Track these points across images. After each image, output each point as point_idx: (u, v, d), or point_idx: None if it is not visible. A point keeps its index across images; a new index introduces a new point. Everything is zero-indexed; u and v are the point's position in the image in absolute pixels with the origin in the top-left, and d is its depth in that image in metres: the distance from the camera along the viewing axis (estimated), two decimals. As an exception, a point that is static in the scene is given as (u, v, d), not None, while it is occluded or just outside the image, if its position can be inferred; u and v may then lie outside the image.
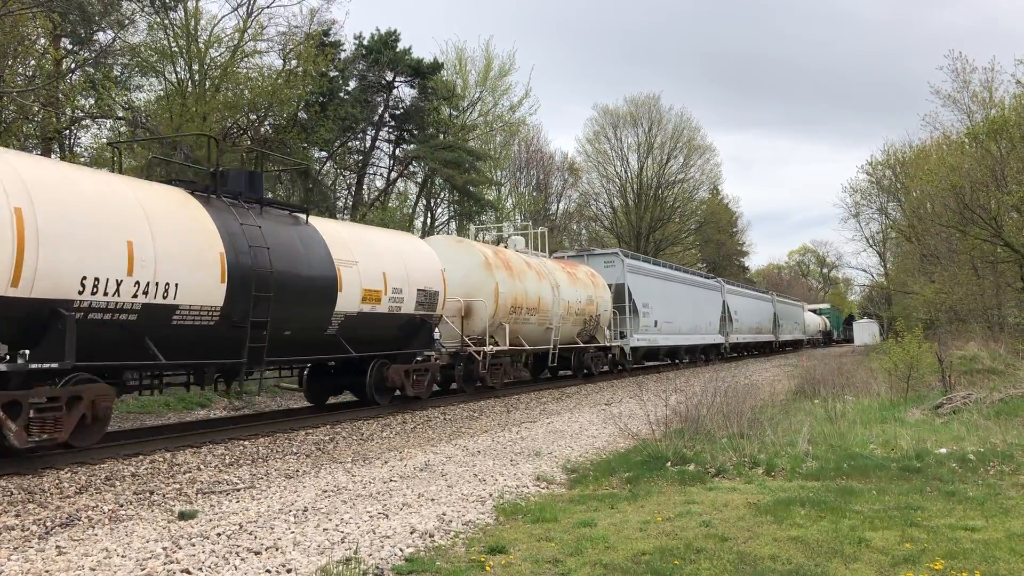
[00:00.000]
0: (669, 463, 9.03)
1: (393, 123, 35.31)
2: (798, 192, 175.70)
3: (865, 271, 66.98)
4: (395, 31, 33.30)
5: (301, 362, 15.08)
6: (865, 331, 71.81)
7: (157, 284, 10.34)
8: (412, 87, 34.74)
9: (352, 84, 33.18)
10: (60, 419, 9.25)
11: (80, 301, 9.42)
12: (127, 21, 24.97)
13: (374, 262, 14.93)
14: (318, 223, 14.51)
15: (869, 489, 7.62)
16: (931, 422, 11.51)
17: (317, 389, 16.28)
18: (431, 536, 6.24)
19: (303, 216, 14.20)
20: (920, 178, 32.47)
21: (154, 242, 10.40)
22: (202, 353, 11.58)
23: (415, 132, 35.01)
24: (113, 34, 24.72)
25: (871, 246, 59.14)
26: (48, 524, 6.69)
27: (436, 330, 17.18)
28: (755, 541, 5.91)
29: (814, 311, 77.58)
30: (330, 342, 14.13)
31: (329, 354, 14.68)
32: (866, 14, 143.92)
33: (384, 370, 15.40)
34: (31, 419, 8.91)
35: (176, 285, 10.61)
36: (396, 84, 34.32)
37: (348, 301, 14.03)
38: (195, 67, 25.66)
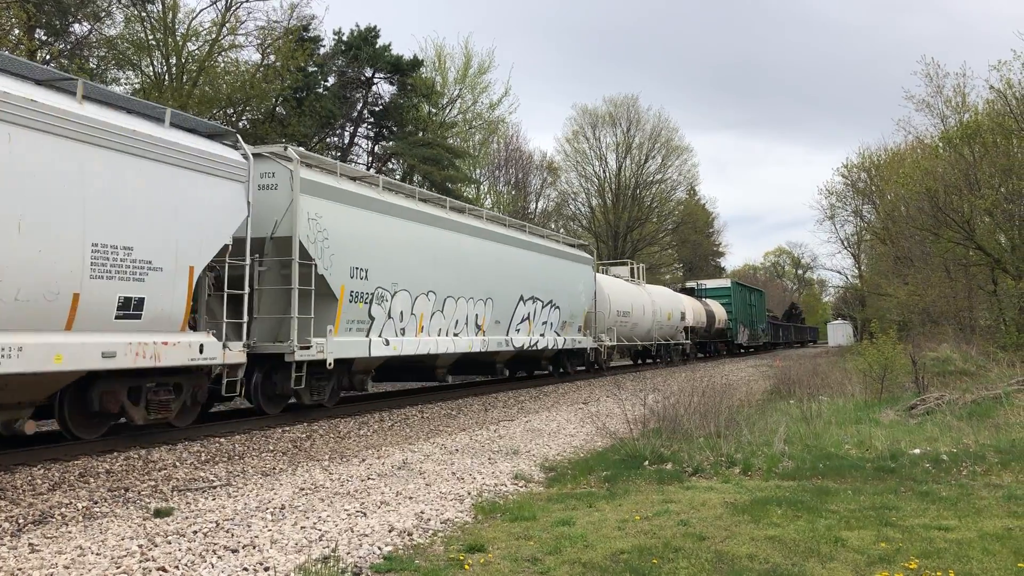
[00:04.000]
0: (647, 462, 9.07)
1: (372, 119, 35.22)
2: (773, 194, 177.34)
3: (840, 273, 67.57)
4: (374, 28, 33.24)
5: None
6: (839, 332, 72.57)
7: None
8: (391, 84, 34.69)
9: (331, 80, 33.05)
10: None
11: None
12: (103, 13, 24.72)
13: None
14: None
15: (844, 489, 7.69)
16: (905, 423, 11.64)
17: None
18: (409, 534, 6.22)
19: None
20: (895, 181, 32.82)
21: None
22: None
23: (394, 129, 34.93)
24: (89, 26, 24.45)
25: (846, 248, 59.60)
26: (20, 521, 6.60)
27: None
28: (732, 540, 5.95)
29: (691, 290, 45.06)
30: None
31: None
32: (840, 18, 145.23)
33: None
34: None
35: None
36: (375, 80, 34.26)
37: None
38: (172, 61, 25.44)
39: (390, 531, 6.29)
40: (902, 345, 20.06)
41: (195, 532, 6.19)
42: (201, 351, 10.72)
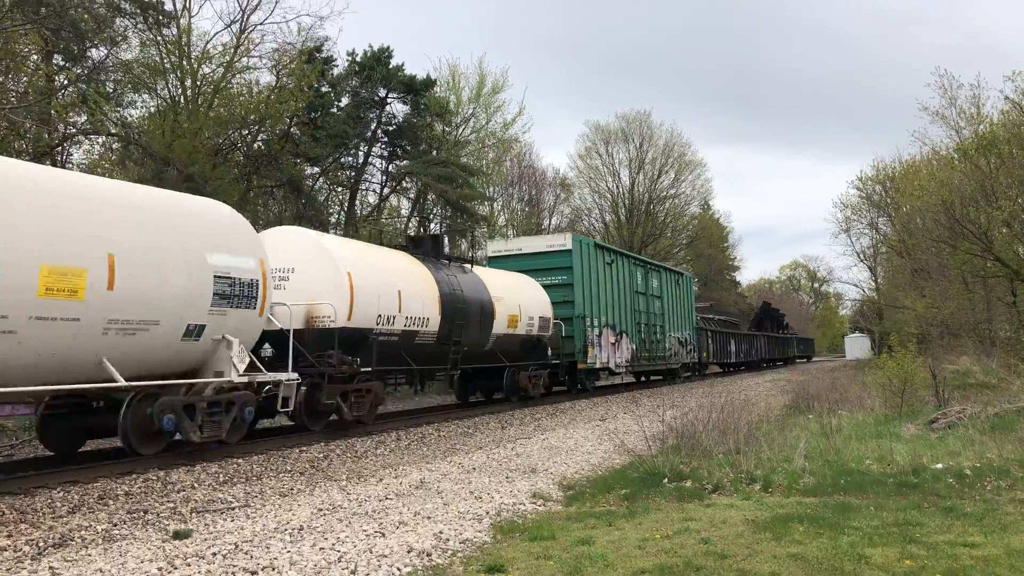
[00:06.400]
0: (666, 479, 9.00)
1: (386, 139, 35.37)
2: (787, 207, 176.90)
3: (856, 286, 67.26)
4: (388, 48, 33.46)
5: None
6: (857, 346, 72.11)
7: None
8: (405, 103, 34.84)
9: (345, 100, 33.25)
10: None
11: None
12: (120, 38, 24.99)
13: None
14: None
15: (867, 505, 7.61)
16: (926, 437, 11.52)
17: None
18: (428, 555, 6.19)
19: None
20: (910, 193, 32.71)
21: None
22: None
23: (408, 148, 35.07)
24: (106, 50, 24.74)
25: (862, 261, 59.42)
26: (41, 544, 6.61)
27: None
28: (754, 558, 5.88)
29: (430, 247, 18.56)
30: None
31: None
32: (847, 29, 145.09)
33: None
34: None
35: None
36: (389, 100, 34.43)
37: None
38: (187, 83, 25.67)
39: (409, 552, 6.26)
40: (921, 358, 19.90)
41: (214, 554, 6.18)
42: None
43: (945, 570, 5.47)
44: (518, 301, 20.22)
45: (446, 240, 17.93)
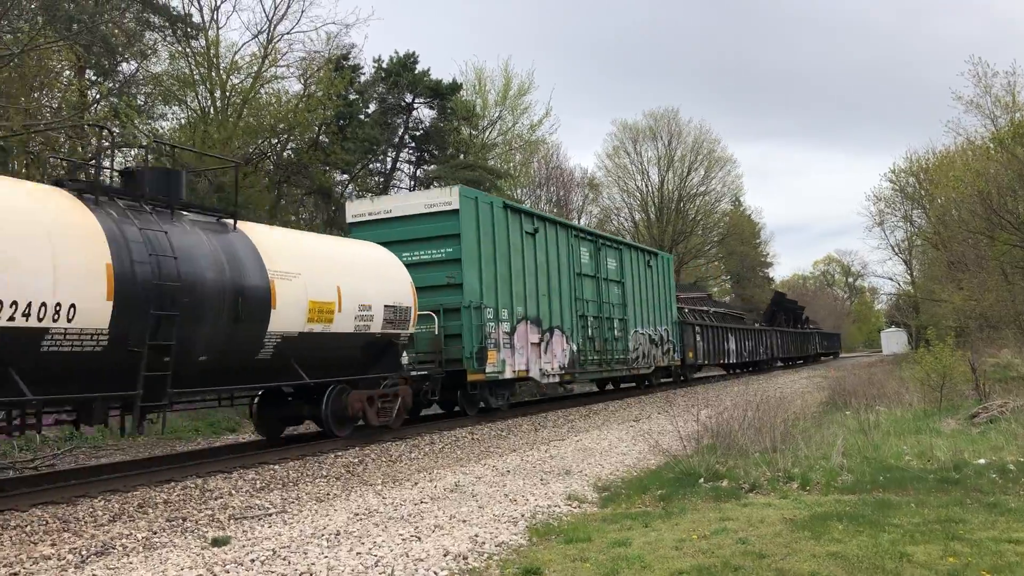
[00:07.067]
0: (702, 479, 8.93)
1: (413, 144, 35.53)
2: (818, 202, 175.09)
3: (891, 279, 66.41)
4: (414, 53, 33.60)
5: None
6: (894, 340, 71.20)
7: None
8: (431, 108, 34.98)
9: (372, 107, 33.45)
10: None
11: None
12: (149, 51, 25.36)
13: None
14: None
15: (907, 502, 7.49)
16: (967, 432, 11.34)
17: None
18: (465, 558, 6.19)
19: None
20: (945, 184, 32.23)
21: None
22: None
23: (435, 152, 35.21)
24: (136, 64, 25.10)
25: (897, 254, 58.67)
26: (84, 553, 6.71)
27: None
28: (793, 558, 5.81)
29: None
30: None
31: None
32: (878, 20, 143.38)
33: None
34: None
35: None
36: (415, 106, 34.58)
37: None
38: (216, 94, 25.97)
39: (445, 555, 6.26)
40: (960, 352, 19.58)
41: (252, 560, 6.22)
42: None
43: (990, 567, 5.37)
44: (337, 281, 12.83)
45: (182, 179, 11.46)
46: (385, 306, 13.96)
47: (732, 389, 24.39)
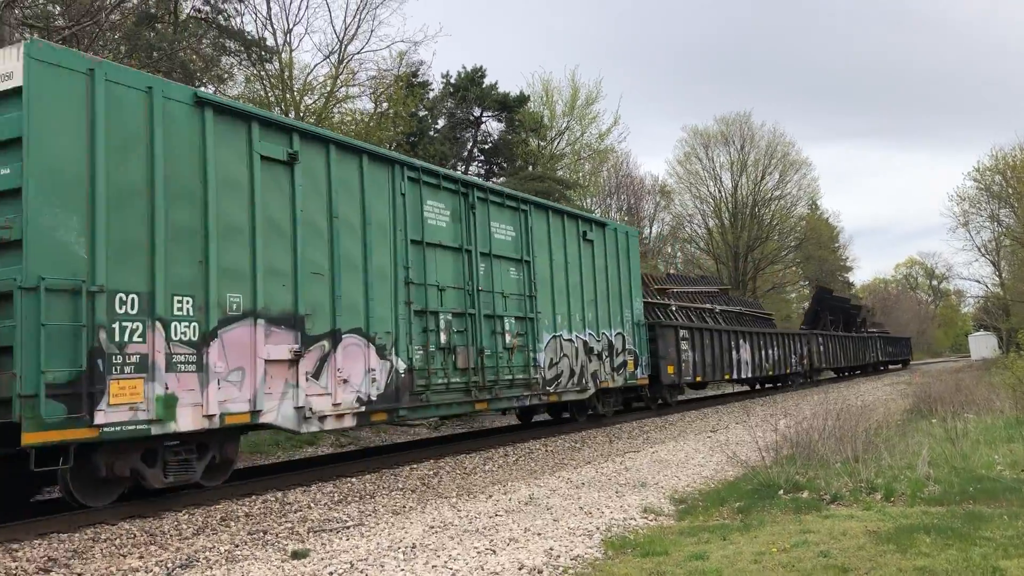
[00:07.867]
0: (781, 491, 8.74)
1: (482, 157, 35.79)
2: (898, 203, 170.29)
3: (978, 282, 63.95)
4: (481, 67, 33.88)
5: None
6: (983, 344, 68.62)
7: None
8: (499, 121, 35.20)
9: (441, 122, 33.81)
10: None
11: None
12: (226, 75, 26.11)
13: None
14: None
15: (999, 513, 7.19)
16: (1063, 440, 10.84)
17: None
18: (539, 572, 6.17)
19: None
20: (1034, 181, 30.95)
21: None
22: None
23: (504, 165, 35.38)
24: (213, 88, 25.86)
25: (983, 255, 56.54)
26: (169, 565, 6.90)
27: None
28: (878, 572, 5.63)
29: None
30: None
31: None
32: (954, 13, 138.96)
33: None
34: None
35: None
36: (484, 119, 34.84)
37: None
38: (291, 115, 26.58)
39: (520, 569, 6.25)
40: (1054, 355, 18.74)
41: (331, 573, 6.32)
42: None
43: (1090, 583, 5.12)
44: None
45: None
46: None
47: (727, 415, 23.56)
